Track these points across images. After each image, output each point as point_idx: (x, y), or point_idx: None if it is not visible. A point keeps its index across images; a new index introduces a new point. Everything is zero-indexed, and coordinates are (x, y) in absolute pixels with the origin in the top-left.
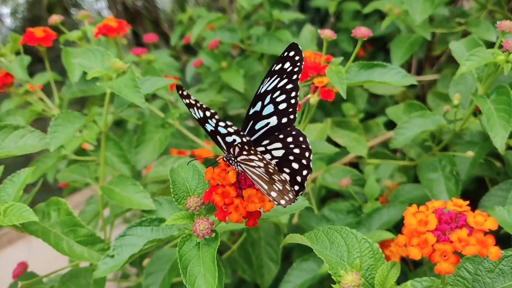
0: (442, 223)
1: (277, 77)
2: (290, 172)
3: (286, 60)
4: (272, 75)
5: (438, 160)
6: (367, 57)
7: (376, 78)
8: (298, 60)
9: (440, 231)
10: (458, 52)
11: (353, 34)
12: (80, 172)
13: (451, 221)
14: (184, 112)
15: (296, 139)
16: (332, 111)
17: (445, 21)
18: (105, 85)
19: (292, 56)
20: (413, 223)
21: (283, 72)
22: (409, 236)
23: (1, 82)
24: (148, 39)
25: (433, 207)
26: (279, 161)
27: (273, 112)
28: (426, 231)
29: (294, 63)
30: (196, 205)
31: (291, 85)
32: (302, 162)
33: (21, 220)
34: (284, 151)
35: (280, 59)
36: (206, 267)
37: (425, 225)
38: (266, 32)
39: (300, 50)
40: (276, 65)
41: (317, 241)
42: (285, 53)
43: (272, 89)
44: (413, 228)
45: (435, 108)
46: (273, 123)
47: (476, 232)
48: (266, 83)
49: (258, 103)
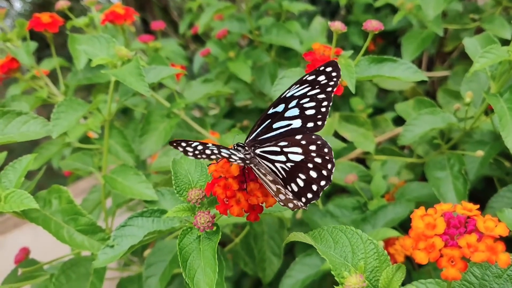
0: (451, 227)
1: (307, 86)
2: (306, 179)
3: (322, 74)
4: (302, 83)
5: (446, 159)
6: (377, 51)
7: (386, 73)
8: (335, 76)
9: (449, 236)
10: (472, 49)
11: (364, 27)
12: (83, 160)
13: (460, 225)
14: (190, 102)
15: (320, 149)
16: (340, 105)
17: (459, 17)
18: (109, 72)
19: (329, 72)
20: (420, 226)
21: (316, 83)
22: (416, 240)
23: (7, 67)
24: (155, 26)
25: (441, 210)
26: (294, 165)
27: (298, 115)
28: (434, 235)
29: (330, 78)
30: (197, 198)
31: (323, 96)
32: (322, 172)
33: (21, 207)
34: (303, 157)
35: (316, 71)
36: (206, 261)
37: (433, 229)
38: (275, 23)
39: (339, 69)
40: (310, 76)
41: (321, 241)
42: (321, 67)
43: (300, 95)
44: (420, 232)
45: (445, 106)
46: (296, 125)
47: (485, 238)
48: (294, 89)
49: (281, 105)
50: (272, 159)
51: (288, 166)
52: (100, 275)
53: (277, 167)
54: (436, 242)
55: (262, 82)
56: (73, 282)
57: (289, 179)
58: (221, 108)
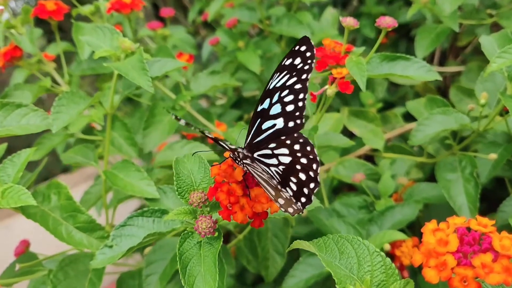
0: (464, 245)
1: (286, 73)
2: (297, 182)
3: (297, 55)
4: (282, 70)
5: (458, 160)
6: (389, 44)
7: (398, 72)
8: (309, 57)
9: (462, 254)
10: (489, 48)
11: (377, 24)
12: (84, 154)
13: (474, 242)
14: (196, 95)
15: (303, 148)
16: (350, 99)
17: (475, 12)
18: (111, 66)
19: (303, 52)
20: (431, 242)
21: (293, 68)
22: (427, 256)
23: (10, 55)
24: (164, 13)
25: (454, 224)
26: (286, 168)
27: (280, 113)
28: (446, 253)
29: (305, 59)
30: (199, 201)
31: (299, 85)
32: (309, 173)
33: (18, 203)
34: (291, 159)
35: (291, 53)
36: (206, 267)
37: (445, 246)
38: (286, 13)
39: (312, 46)
40: (287, 59)
41: (326, 250)
42: (296, 46)
43: (281, 86)
44: (432, 248)
45: (457, 103)
46: (280, 125)
47: (501, 257)
48: (275, 79)
49: (267, 100)
50: (267, 163)
51: (281, 170)
52: (99, 273)
53: (272, 171)
54: (448, 260)
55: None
56: (71, 279)
57: (283, 183)
58: (228, 98)
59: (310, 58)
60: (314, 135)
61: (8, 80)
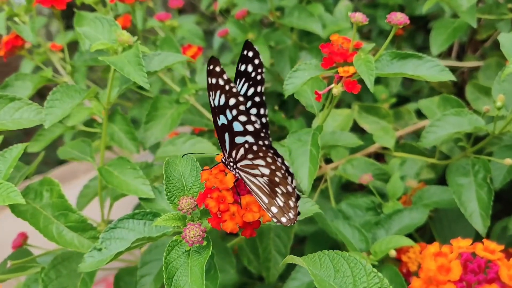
0: (468, 273)
1: (245, 81)
2: (283, 192)
3: (248, 62)
4: (240, 77)
5: (471, 164)
6: (406, 36)
7: (409, 71)
8: (258, 65)
9: (465, 283)
10: (508, 47)
11: (387, 20)
12: (81, 149)
13: (480, 271)
14: (201, 88)
15: (273, 161)
16: (362, 93)
17: (495, 6)
18: (106, 59)
19: (251, 58)
20: (432, 268)
21: (249, 77)
22: (427, 283)
23: (11, 44)
24: (173, 4)
25: (458, 248)
26: (268, 179)
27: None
28: (447, 281)
29: (255, 68)
30: (188, 207)
31: (258, 98)
32: (287, 187)
33: (7, 201)
34: (270, 171)
35: (242, 58)
36: (194, 278)
37: (446, 273)
38: (298, 5)
39: (257, 52)
40: (241, 65)
41: (321, 267)
42: (244, 51)
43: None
44: (432, 275)
45: (473, 102)
46: (251, 140)
47: None
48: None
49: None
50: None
51: (266, 180)
52: (92, 272)
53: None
54: None
55: (281, 66)
56: (63, 278)
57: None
58: None
59: (259, 66)
60: (319, 135)
61: None
